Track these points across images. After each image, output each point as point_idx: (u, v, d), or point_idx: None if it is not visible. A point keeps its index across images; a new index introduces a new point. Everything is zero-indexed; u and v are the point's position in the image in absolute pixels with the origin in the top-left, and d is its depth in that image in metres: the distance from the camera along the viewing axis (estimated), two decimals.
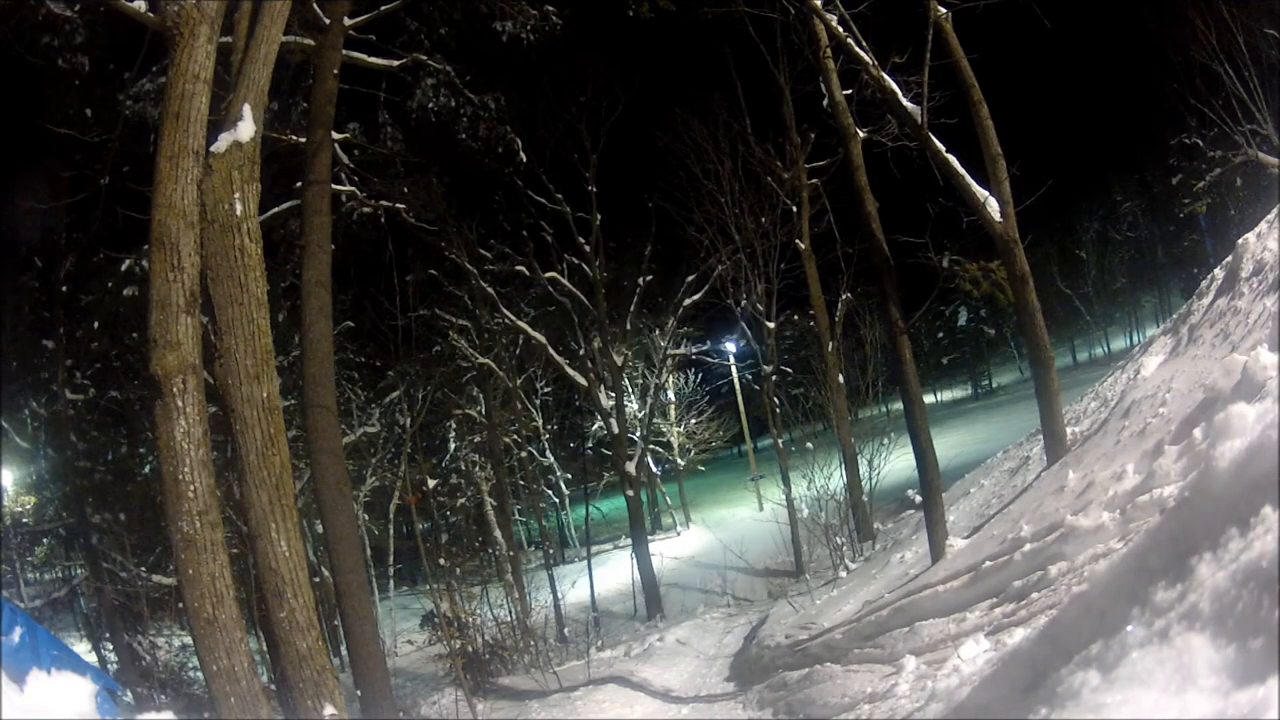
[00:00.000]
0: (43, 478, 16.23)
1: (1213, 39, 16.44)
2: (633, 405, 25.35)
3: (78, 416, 14.31)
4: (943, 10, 7.58)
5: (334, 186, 9.35)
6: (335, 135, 9.44)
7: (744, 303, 16.60)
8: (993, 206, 7.55)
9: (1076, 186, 39.60)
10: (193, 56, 4.22)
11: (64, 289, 13.67)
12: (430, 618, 13.68)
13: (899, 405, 10.21)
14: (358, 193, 11.60)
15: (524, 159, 13.76)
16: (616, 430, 17.48)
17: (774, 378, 17.05)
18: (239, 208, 4.34)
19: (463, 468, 22.96)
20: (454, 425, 22.32)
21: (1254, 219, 7.58)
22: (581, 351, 18.17)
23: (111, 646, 13.86)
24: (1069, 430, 7.92)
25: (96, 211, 12.20)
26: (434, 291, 17.60)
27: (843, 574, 12.55)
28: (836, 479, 14.62)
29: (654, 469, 28.81)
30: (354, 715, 5.68)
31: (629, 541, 18.76)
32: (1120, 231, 45.19)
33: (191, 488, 4.00)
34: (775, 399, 16.98)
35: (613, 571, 20.83)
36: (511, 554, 18.95)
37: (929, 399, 43.29)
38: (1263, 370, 4.14)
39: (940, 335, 50.47)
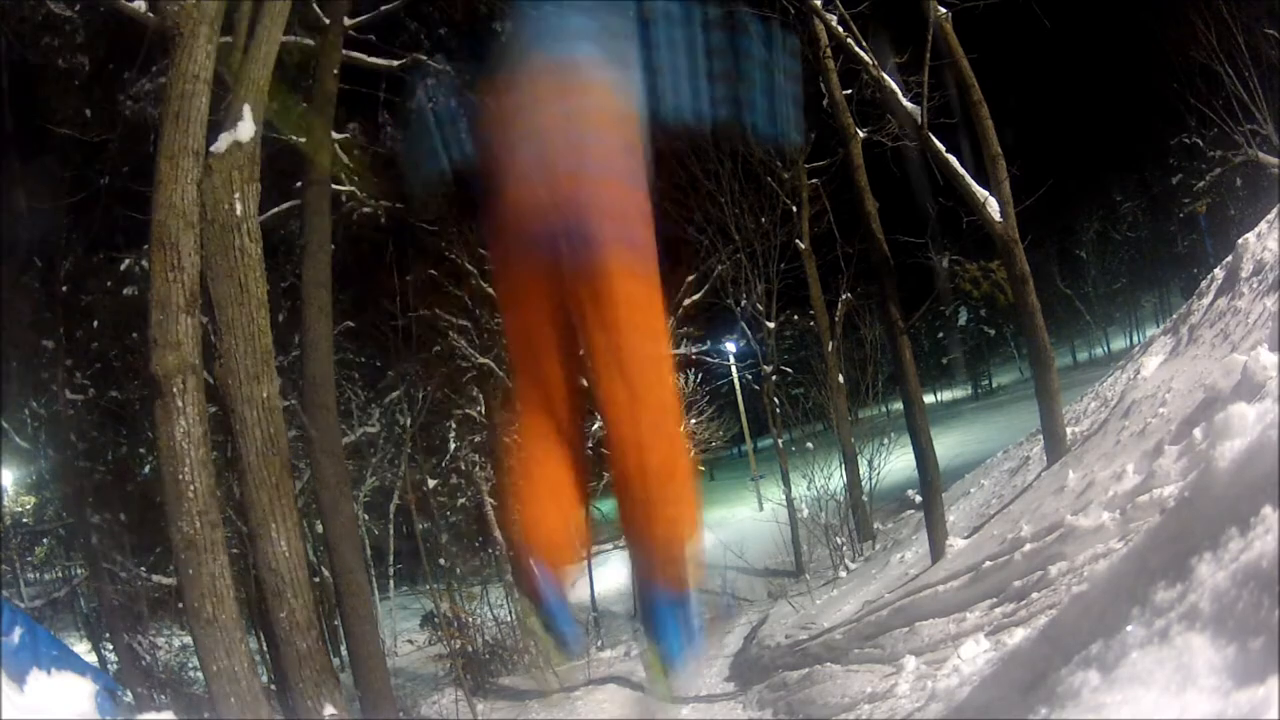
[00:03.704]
0: (43, 478, 16.20)
1: (1213, 39, 16.44)
2: None
3: (78, 416, 14.29)
4: (943, 10, 7.58)
5: (334, 186, 9.34)
6: (335, 135, 9.43)
7: (744, 303, 16.60)
8: (993, 206, 7.55)
9: (1076, 186, 39.56)
10: (193, 56, 4.22)
11: (64, 289, 13.65)
12: (430, 618, 13.68)
13: (899, 405, 10.21)
14: (358, 193, 11.59)
15: None
16: None
17: (774, 378, 17.05)
18: (239, 208, 4.34)
19: (463, 468, 22.92)
20: (454, 425, 22.30)
21: (1254, 219, 7.58)
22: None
23: (111, 646, 13.84)
24: (1069, 430, 7.91)
25: (96, 211, 12.20)
26: (434, 291, 17.58)
27: (843, 574, 12.55)
28: (836, 479, 14.63)
29: None
30: (354, 715, 5.68)
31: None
32: (1120, 231, 45.17)
33: (191, 488, 4.00)
34: (775, 399, 16.98)
35: (613, 571, 20.81)
36: (512, 554, 18.93)
37: (929, 399, 43.27)
38: (1263, 370, 4.14)
39: (940, 335, 50.45)
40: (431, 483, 18.77)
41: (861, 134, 9.33)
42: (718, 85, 2.03)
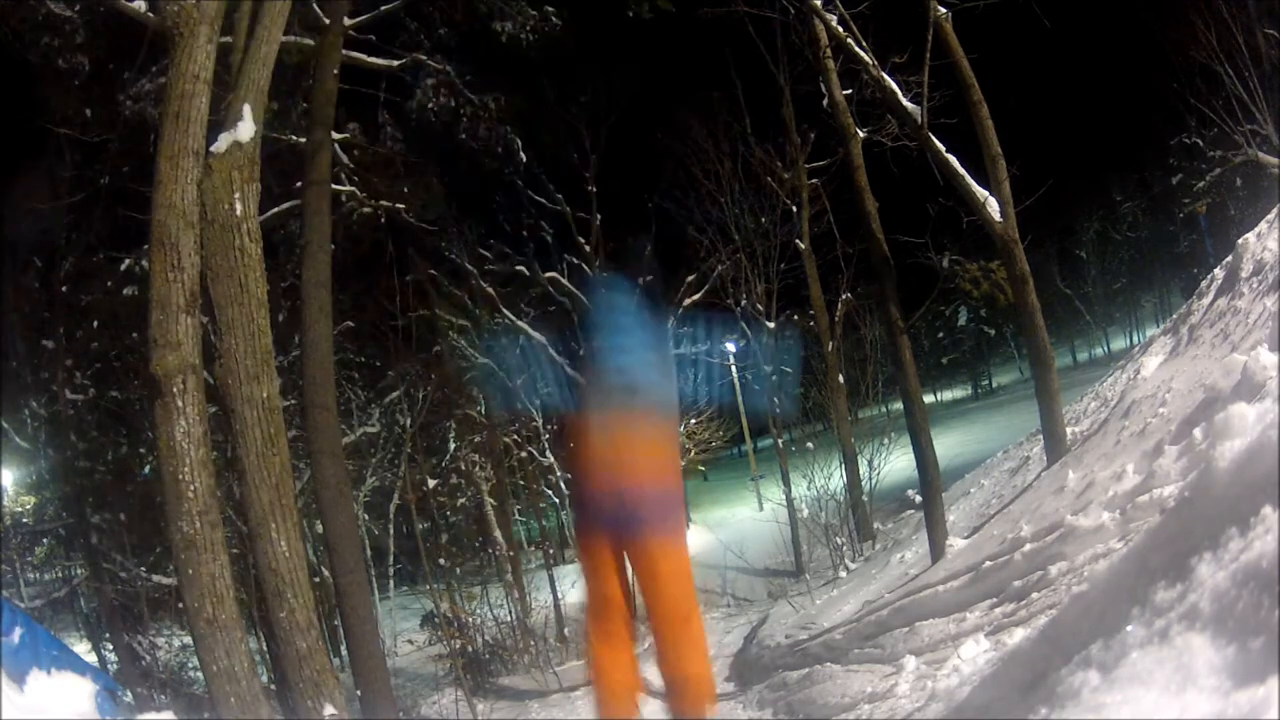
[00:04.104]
0: (43, 478, 16.20)
1: (1213, 39, 16.44)
2: None
3: (78, 416, 14.29)
4: (943, 10, 7.58)
5: (334, 186, 9.34)
6: (335, 135, 9.43)
7: (744, 303, 16.60)
8: (993, 206, 7.55)
9: (1076, 186, 39.47)
10: (193, 56, 4.22)
11: (64, 289, 13.64)
12: (430, 618, 13.68)
13: (899, 405, 10.21)
14: (358, 193, 11.60)
15: (524, 159, 13.77)
16: None
17: (774, 378, 17.04)
18: (239, 208, 4.33)
19: (463, 468, 22.89)
20: (454, 425, 22.28)
21: (1254, 219, 7.58)
22: (581, 352, 18.08)
23: (111, 646, 13.84)
24: (1069, 430, 7.91)
25: (96, 211, 12.21)
26: (434, 291, 17.59)
27: (843, 574, 12.55)
28: (836, 479, 14.62)
29: None
30: (354, 715, 5.68)
31: None
32: (1120, 231, 45.16)
33: (191, 488, 3.99)
34: (775, 399, 16.97)
35: None
36: (511, 554, 18.95)
37: (929, 399, 43.25)
38: (1263, 370, 4.13)
39: (940, 335, 50.44)
40: (431, 483, 18.77)
41: (861, 134, 9.32)
42: (730, 370, 2.82)
